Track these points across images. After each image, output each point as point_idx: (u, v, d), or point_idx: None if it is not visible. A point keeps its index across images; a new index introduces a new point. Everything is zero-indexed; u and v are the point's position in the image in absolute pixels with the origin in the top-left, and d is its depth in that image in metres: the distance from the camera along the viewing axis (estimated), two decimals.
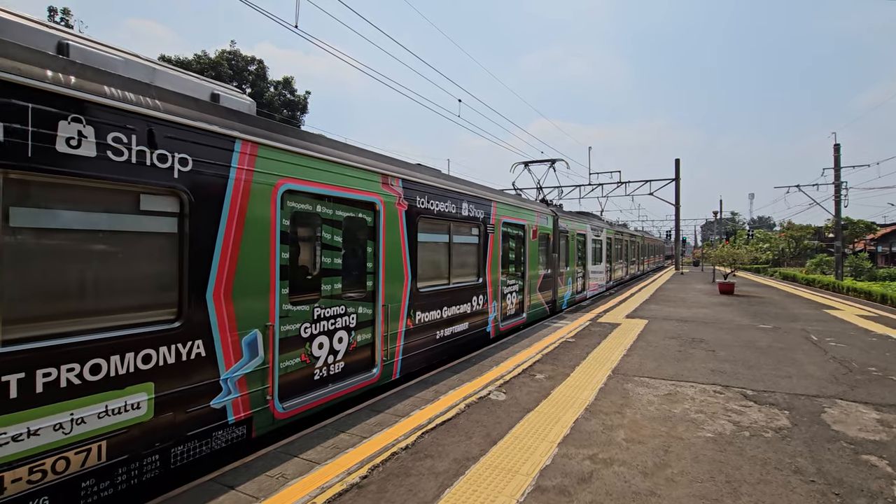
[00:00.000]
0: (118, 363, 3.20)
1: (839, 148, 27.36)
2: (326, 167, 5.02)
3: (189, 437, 3.66)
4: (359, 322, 5.57)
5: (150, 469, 3.42)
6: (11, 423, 2.69)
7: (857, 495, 3.40)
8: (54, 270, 3.04)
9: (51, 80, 2.89)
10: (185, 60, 34.73)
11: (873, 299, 17.49)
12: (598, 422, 4.78)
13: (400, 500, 3.29)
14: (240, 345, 4.05)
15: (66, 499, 2.94)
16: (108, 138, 3.15)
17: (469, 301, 8.23)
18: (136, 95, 3.35)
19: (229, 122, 4.02)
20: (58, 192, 3.00)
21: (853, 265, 38.35)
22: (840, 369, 6.91)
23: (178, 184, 3.58)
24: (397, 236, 6.22)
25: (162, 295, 3.58)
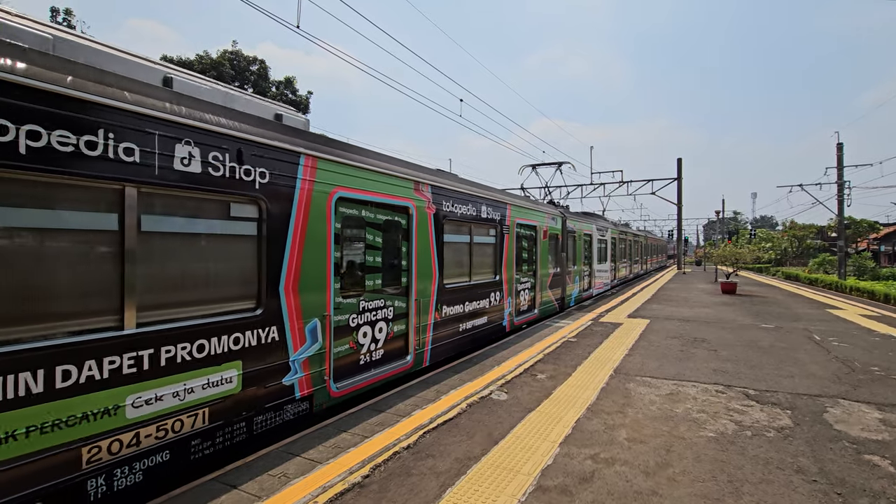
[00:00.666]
0: (217, 344, 3.88)
1: (842, 147, 27.27)
2: (370, 176, 5.70)
3: (266, 408, 4.32)
4: (395, 314, 6.22)
5: (239, 434, 4.09)
6: (144, 390, 3.38)
7: (860, 495, 3.39)
8: (171, 267, 3.69)
9: (169, 111, 3.56)
10: (186, 61, 34.80)
11: (876, 299, 17.43)
12: (599, 421, 4.77)
13: (401, 499, 3.29)
14: (304, 331, 4.72)
15: (181, 453, 3.63)
16: (209, 157, 3.83)
17: (488, 297, 8.89)
18: (228, 120, 4.04)
19: (295, 139, 4.71)
20: (175, 201, 3.67)
21: (856, 264, 38.24)
22: (843, 369, 6.89)
23: (258, 193, 4.25)
24: (427, 237, 6.88)
25: (247, 288, 4.25)
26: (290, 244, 4.57)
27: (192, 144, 3.70)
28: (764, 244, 54.70)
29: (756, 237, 58.41)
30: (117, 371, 3.23)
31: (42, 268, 2.99)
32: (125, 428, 3.28)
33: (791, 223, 59.51)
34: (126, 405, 3.29)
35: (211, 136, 3.84)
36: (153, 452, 3.44)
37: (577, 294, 15.40)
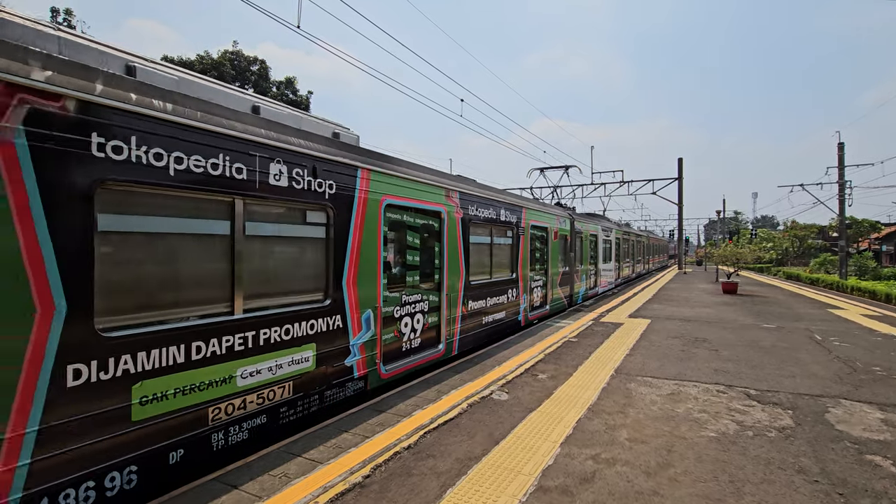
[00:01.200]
0: (298, 328, 4.62)
1: (843, 146, 27.23)
2: (410, 185, 6.45)
3: (334, 384, 5.10)
4: (429, 308, 6.94)
5: (313, 405, 4.86)
6: (249, 364, 4.13)
7: (861, 495, 3.38)
8: (265, 264, 4.45)
9: (265, 136, 4.35)
10: (187, 61, 34.83)
11: (878, 298, 17.40)
12: (600, 421, 4.77)
13: (402, 499, 3.29)
14: (360, 320, 5.47)
15: (273, 418, 4.40)
16: (293, 173, 4.57)
17: (506, 293, 9.64)
18: (305, 141, 4.79)
19: (353, 155, 5.46)
20: (268, 210, 4.47)
21: (857, 264, 38.21)
22: (844, 369, 6.88)
23: (327, 202, 5.00)
24: (456, 238, 7.63)
25: (318, 282, 5.03)
26: (351, 245, 5.37)
27: (282, 163, 4.48)
28: (765, 244, 54.65)
29: (757, 237, 58.34)
30: (231, 348, 3.99)
31: (180, 264, 3.75)
32: (236, 394, 4.05)
33: (792, 223, 59.45)
34: (237, 376, 4.05)
35: (294, 156, 4.61)
36: (255, 415, 4.22)
37: (584, 292, 16.08)
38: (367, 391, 5.56)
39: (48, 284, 2.86)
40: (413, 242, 6.64)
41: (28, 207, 2.77)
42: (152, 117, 3.42)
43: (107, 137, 3.17)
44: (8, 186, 2.68)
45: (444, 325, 7.23)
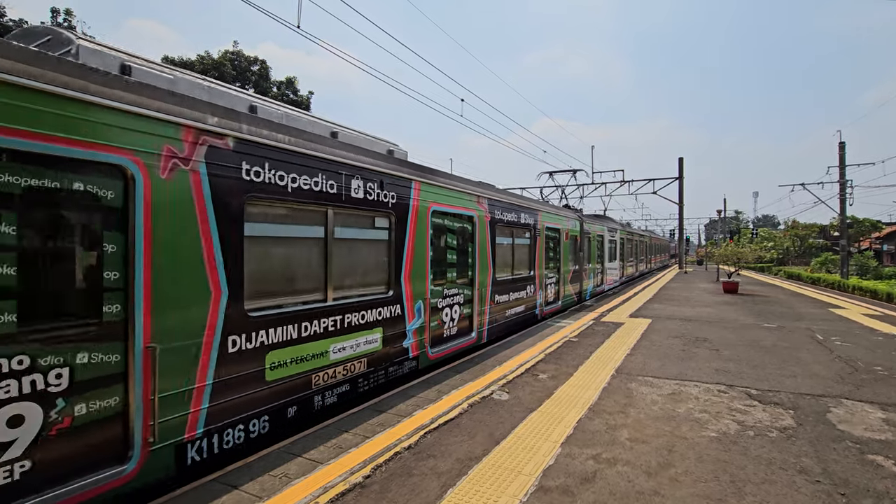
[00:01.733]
0: (370, 314, 5.66)
1: (844, 146, 27.21)
2: (451, 193, 7.49)
3: (394, 362, 6.14)
4: (464, 300, 7.96)
5: (381, 378, 5.92)
6: (337, 342, 5.16)
7: (863, 495, 3.37)
8: (347, 261, 5.45)
9: (352, 159, 5.39)
10: (188, 61, 34.83)
11: (879, 298, 17.38)
12: (601, 421, 4.76)
13: (402, 500, 3.28)
14: (414, 309, 6.50)
15: (353, 386, 5.45)
16: (367, 186, 5.60)
17: (525, 289, 10.64)
18: (375, 160, 5.83)
19: (409, 169, 6.50)
20: (349, 218, 5.47)
21: (858, 264, 38.15)
22: (845, 368, 6.87)
23: (390, 209, 6.02)
24: (485, 239, 8.63)
25: (383, 276, 6.05)
26: (407, 245, 6.36)
27: (359, 178, 5.48)
28: (766, 243, 54.59)
29: (758, 236, 58.27)
30: (325, 329, 5.00)
31: (293, 261, 4.81)
32: (329, 366, 5.06)
33: (793, 222, 59.36)
34: (329, 351, 5.07)
35: (368, 172, 5.63)
36: (341, 384, 5.25)
37: (591, 289, 17.03)
38: (418, 370, 6.62)
39: (217, 274, 3.86)
40: (451, 243, 7.67)
41: (206, 217, 3.78)
42: (277, 147, 4.44)
43: (250, 164, 4.18)
44: (196, 203, 3.68)
45: (475, 315, 8.26)
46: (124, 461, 3.23)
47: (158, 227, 3.44)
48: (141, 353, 3.30)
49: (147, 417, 3.34)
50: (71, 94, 2.97)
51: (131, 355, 3.27)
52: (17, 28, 25.25)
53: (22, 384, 2.75)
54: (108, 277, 3.19)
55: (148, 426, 3.35)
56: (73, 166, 3.01)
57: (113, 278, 3.22)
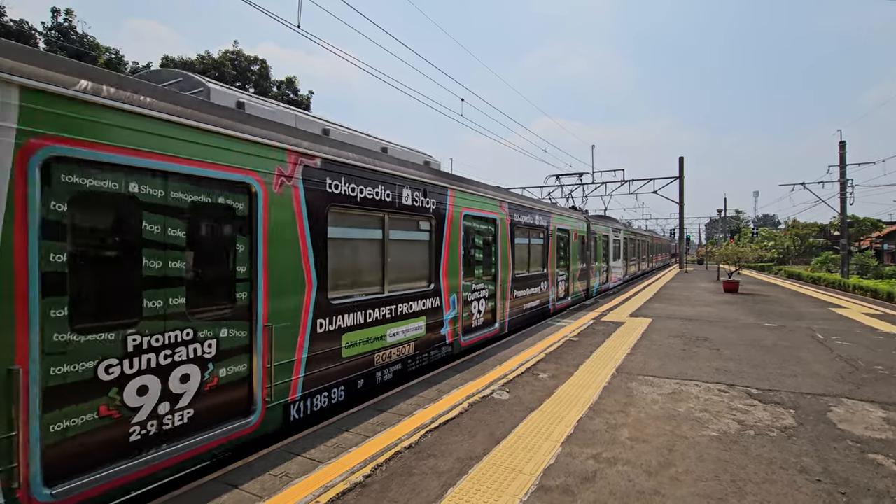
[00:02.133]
0: (415, 304, 6.57)
1: (845, 145, 27.18)
2: (478, 199, 8.43)
3: (433, 347, 7.03)
4: (488, 295, 8.87)
5: (424, 360, 6.80)
6: (392, 328, 6.07)
7: (864, 494, 3.37)
8: (398, 259, 6.33)
9: (405, 172, 6.37)
10: (188, 61, 34.82)
11: (879, 297, 17.37)
12: (602, 421, 4.76)
13: (403, 499, 3.28)
14: (449, 301, 7.40)
15: (404, 366, 6.35)
16: (414, 194, 6.55)
17: (539, 285, 11.57)
18: (420, 172, 6.78)
19: (445, 179, 7.46)
20: (400, 222, 6.37)
21: (859, 263, 38.12)
22: (846, 368, 6.86)
23: (431, 214, 6.96)
24: (506, 240, 9.53)
25: (426, 272, 7.00)
26: (444, 245, 7.28)
27: (409, 188, 6.44)
28: (766, 243, 54.54)
29: (758, 236, 58.22)
30: (383, 316, 5.92)
31: (359, 258, 5.80)
32: (386, 348, 5.99)
33: (793, 222, 59.31)
34: (386, 335, 5.98)
35: (415, 182, 6.58)
36: (395, 363, 6.17)
37: (597, 286, 17.89)
38: (453, 354, 7.55)
39: (310, 268, 4.79)
40: (478, 243, 8.56)
41: (303, 223, 4.70)
42: (350, 164, 5.37)
43: (332, 178, 5.11)
44: (296, 213, 4.63)
45: (498, 308, 9.20)
46: (249, 415, 4.14)
47: (272, 232, 4.37)
48: (261, 331, 4.22)
49: (265, 381, 4.26)
50: (219, 130, 3.92)
51: (254, 332, 4.18)
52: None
53: (188, 350, 3.69)
54: (239, 271, 4.13)
55: (266, 388, 4.27)
56: (218, 185, 3.94)
57: (242, 271, 4.14)
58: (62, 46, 28.05)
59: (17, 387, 2.76)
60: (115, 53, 31.04)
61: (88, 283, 3.18)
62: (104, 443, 3.19)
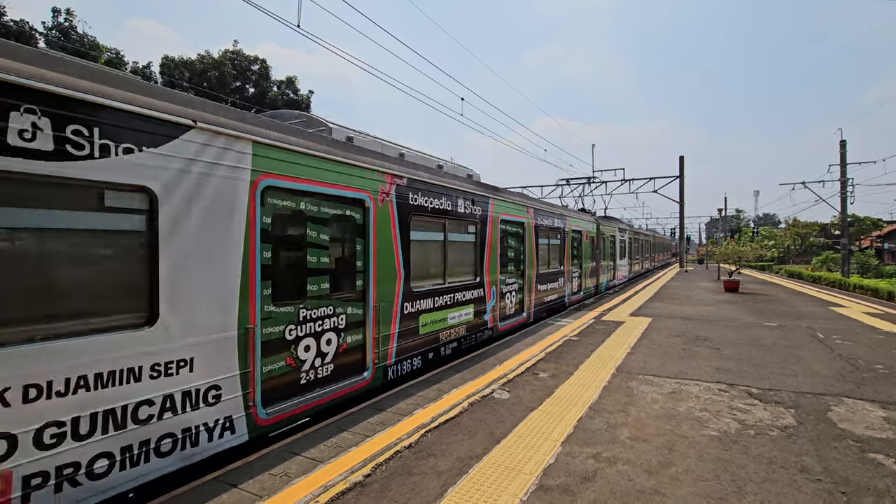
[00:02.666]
0: (466, 294, 7.91)
1: (845, 144, 27.12)
2: (511, 206, 9.92)
3: (479, 330, 8.39)
4: (518, 288, 10.32)
5: (473, 340, 8.14)
6: (451, 312, 7.40)
7: (864, 494, 3.37)
8: (454, 256, 7.63)
9: (460, 186, 7.77)
10: (188, 60, 34.81)
11: (880, 296, 17.34)
12: (602, 420, 4.76)
13: (403, 498, 3.28)
14: (490, 292, 8.81)
15: (458, 345, 7.66)
16: (466, 203, 7.90)
17: (557, 280, 12.98)
18: (469, 185, 8.15)
19: (487, 190, 8.92)
20: (456, 226, 7.70)
21: (859, 262, 38.04)
22: (846, 367, 6.86)
23: (477, 220, 8.32)
24: (531, 240, 10.95)
25: (473, 267, 8.36)
26: (486, 245, 8.67)
27: (461, 198, 7.79)
28: (767, 242, 54.47)
29: (759, 235, 58.15)
30: (445, 302, 7.28)
31: (429, 256, 7.09)
32: (448, 328, 7.38)
33: (794, 221, 59.23)
34: (448, 318, 7.37)
35: (465, 194, 7.97)
36: (453, 341, 7.58)
37: (606, 283, 19.27)
38: (493, 337, 8.98)
39: (399, 263, 6.18)
40: (510, 244, 9.94)
41: (395, 228, 6.10)
42: (423, 181, 6.77)
43: (413, 193, 6.52)
44: (391, 220, 6.04)
45: (526, 300, 10.63)
46: (363, 372, 5.56)
47: (378, 235, 5.81)
48: (372, 309, 5.69)
49: (374, 348, 5.71)
50: (348, 161, 5.37)
51: (367, 310, 5.65)
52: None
53: (331, 322, 5.13)
54: (358, 265, 5.60)
55: (374, 353, 5.71)
56: (346, 201, 5.39)
57: (360, 265, 5.61)
58: (62, 46, 28.03)
59: (251, 339, 4.11)
60: (116, 53, 31.04)
61: (280, 272, 4.53)
62: (288, 383, 4.59)
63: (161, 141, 3.50)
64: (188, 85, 32.23)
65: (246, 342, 4.04)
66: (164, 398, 3.45)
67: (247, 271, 4.08)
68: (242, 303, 4.03)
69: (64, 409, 2.93)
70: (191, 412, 3.63)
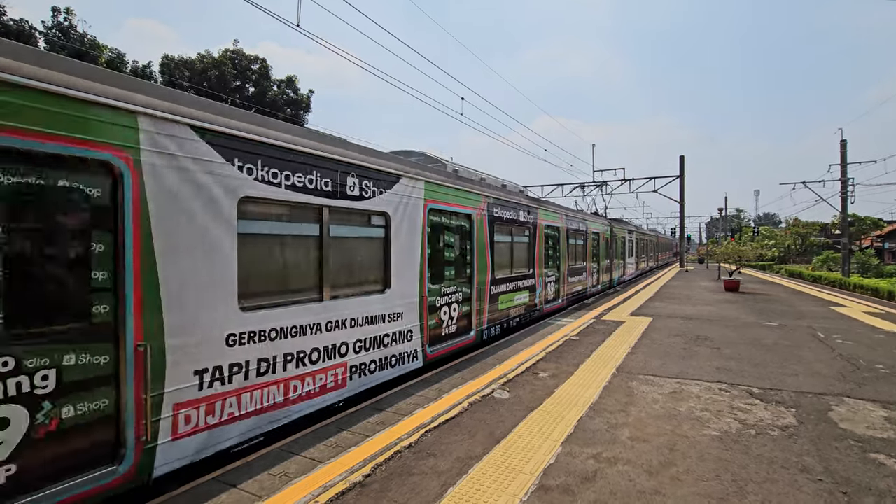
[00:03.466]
0: (523, 283, 10.44)
1: (846, 144, 27.08)
2: (550, 214, 12.30)
3: (531, 310, 10.99)
4: (555, 280, 12.71)
5: (527, 318, 10.78)
6: (516, 295, 10.10)
7: (865, 494, 3.36)
8: (518, 255, 10.35)
9: (517, 197, 10.36)
10: (188, 60, 34.79)
11: (880, 296, 17.32)
12: (602, 420, 4.74)
13: (402, 499, 3.27)
14: (539, 282, 11.38)
15: (520, 320, 10.35)
16: (523, 213, 10.46)
17: (581, 274, 15.64)
18: (525, 198, 10.88)
19: (535, 202, 11.50)
20: (519, 230, 10.39)
21: (860, 262, 37.98)
22: (847, 367, 6.84)
23: (530, 225, 10.90)
24: (564, 242, 13.47)
25: (526, 263, 10.79)
26: (536, 244, 11.20)
27: (521, 210, 10.29)
28: (767, 242, 54.42)
29: (759, 234, 58.10)
30: (512, 288, 9.80)
31: (502, 253, 9.54)
32: (514, 307, 9.90)
33: (794, 220, 59.17)
34: (514, 300, 9.91)
35: (523, 206, 10.35)
36: (517, 317, 10.09)
37: (618, 278, 22.04)
38: (542, 316, 11.61)
39: (489, 258, 8.61)
40: (550, 244, 12.37)
41: (487, 233, 8.61)
42: (497, 198, 9.04)
43: (494, 207, 8.94)
44: (484, 227, 8.54)
45: (560, 289, 13.12)
46: (470, 332, 8.00)
47: (478, 238, 8.27)
48: (475, 290, 8.15)
49: (476, 316, 8.17)
50: (465, 188, 7.91)
51: (474, 290, 8.13)
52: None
53: (456, 296, 7.62)
54: (466, 259, 7.99)
55: (476, 320, 8.18)
56: (462, 216, 7.86)
57: (468, 259, 8.03)
58: (62, 46, 28.01)
59: (424, 304, 6.60)
60: (117, 53, 31.01)
61: (434, 263, 6.98)
62: (437, 334, 7.04)
63: (391, 186, 6.07)
64: (188, 84, 32.21)
65: (422, 306, 6.55)
66: (392, 334, 5.96)
67: (422, 262, 6.58)
68: (420, 281, 6.54)
69: (361, 332, 5.48)
70: (401, 344, 6.13)
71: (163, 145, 3.46)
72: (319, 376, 4.85)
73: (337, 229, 5.21)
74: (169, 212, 3.47)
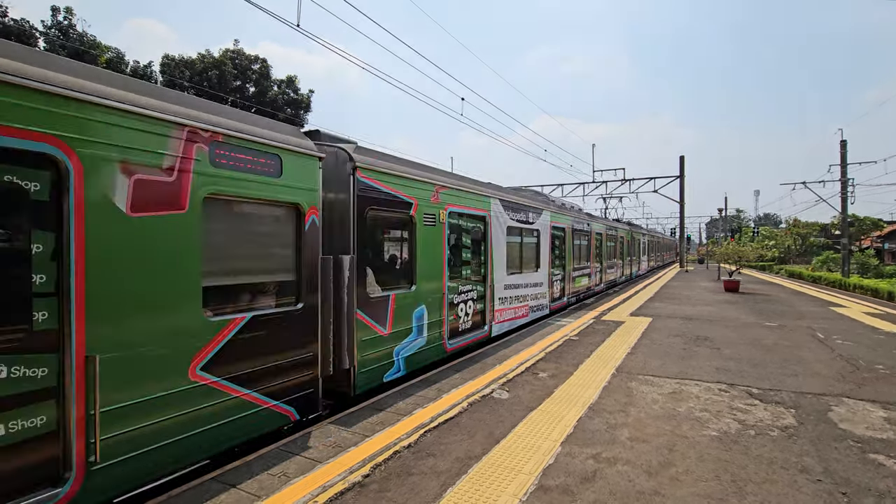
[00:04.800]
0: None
1: (846, 144, 27.07)
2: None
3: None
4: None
5: (591, 293, 16.78)
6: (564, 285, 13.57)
7: (865, 494, 3.36)
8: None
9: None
10: (189, 60, 34.78)
11: (880, 296, 17.32)
12: (601, 420, 4.74)
13: (402, 499, 3.27)
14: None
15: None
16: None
17: (614, 268, 19.94)
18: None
19: (592, 218, 17.44)
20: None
21: (860, 262, 37.96)
22: (847, 367, 6.84)
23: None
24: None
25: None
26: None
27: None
28: (767, 242, 54.43)
29: (759, 235, 58.10)
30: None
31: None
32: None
33: (794, 221, 59.15)
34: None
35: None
36: (597, 286, 17.61)
37: (634, 273, 26.32)
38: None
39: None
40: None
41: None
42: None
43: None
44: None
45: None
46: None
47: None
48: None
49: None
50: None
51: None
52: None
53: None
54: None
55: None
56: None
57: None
58: (62, 45, 28.02)
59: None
60: (117, 53, 31.01)
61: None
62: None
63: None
64: (189, 84, 32.20)
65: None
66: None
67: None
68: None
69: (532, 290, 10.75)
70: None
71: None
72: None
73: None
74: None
